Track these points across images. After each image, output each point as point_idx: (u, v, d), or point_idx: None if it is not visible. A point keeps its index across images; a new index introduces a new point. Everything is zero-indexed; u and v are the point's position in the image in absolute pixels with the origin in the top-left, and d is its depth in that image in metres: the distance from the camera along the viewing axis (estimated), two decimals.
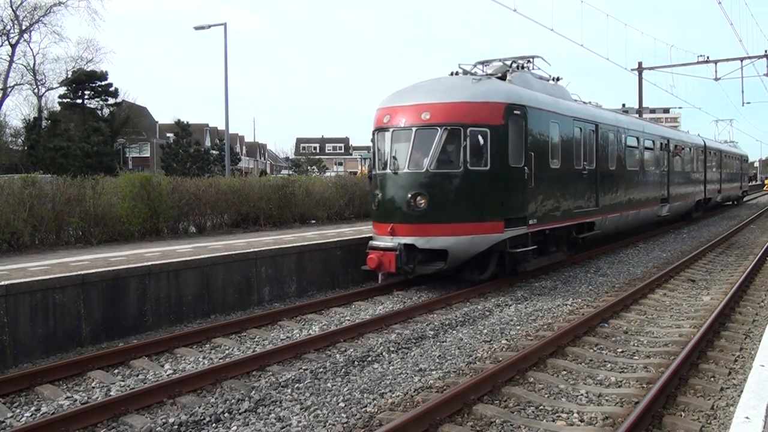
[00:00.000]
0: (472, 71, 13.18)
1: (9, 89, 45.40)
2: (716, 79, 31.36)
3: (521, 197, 11.67)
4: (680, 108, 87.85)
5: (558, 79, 15.00)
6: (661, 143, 21.11)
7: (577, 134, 14.15)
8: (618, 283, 12.50)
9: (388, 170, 11.19)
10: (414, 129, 10.96)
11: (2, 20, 43.69)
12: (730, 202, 39.04)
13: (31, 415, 5.89)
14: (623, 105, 33.91)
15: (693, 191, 25.59)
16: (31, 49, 50.35)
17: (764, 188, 70.33)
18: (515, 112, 11.51)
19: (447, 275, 12.18)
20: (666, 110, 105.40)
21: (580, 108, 15.08)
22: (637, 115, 23.85)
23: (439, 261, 10.90)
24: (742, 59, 30.74)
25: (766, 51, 30.24)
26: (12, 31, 44.10)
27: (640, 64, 34.84)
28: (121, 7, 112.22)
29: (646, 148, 19.37)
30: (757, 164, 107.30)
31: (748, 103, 61.56)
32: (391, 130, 11.29)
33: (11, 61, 44.34)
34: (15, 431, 5.36)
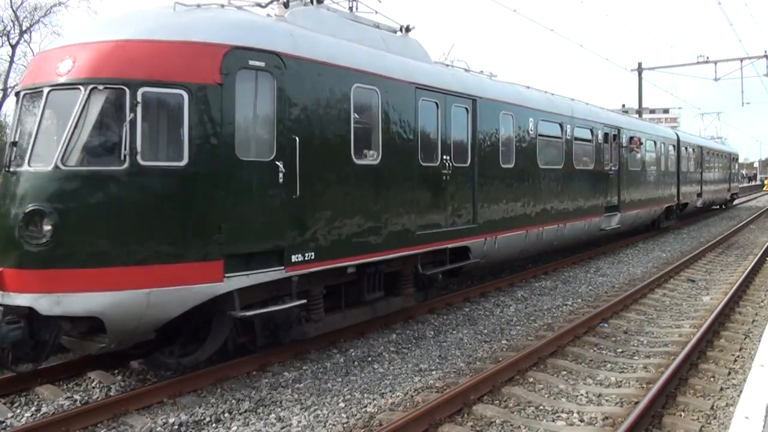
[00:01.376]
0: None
1: (9, 89, 45.42)
2: (716, 79, 31.35)
3: (268, 215, 6.66)
4: (680, 108, 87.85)
5: (408, 30, 9.81)
6: (607, 134, 16.08)
7: (426, 113, 9.12)
8: (618, 283, 12.51)
9: (6, 167, 6.43)
10: (46, 90, 6.23)
11: (2, 21, 43.71)
12: (718, 207, 34.20)
13: (32, 415, 5.89)
14: (623, 105, 33.91)
15: (661, 195, 20.78)
16: (32, 50, 50.35)
17: (764, 188, 70.34)
18: (253, 63, 6.58)
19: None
20: (666, 110, 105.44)
21: (436, 73, 9.71)
22: (586, 103, 16.67)
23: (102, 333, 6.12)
24: (741, 59, 30.74)
25: (766, 51, 30.23)
26: (12, 31, 44.09)
27: (639, 64, 34.83)
28: (122, 8, 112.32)
29: (579, 140, 14.29)
30: (756, 164, 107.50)
31: (748, 103, 61.25)
32: (22, 93, 6.59)
33: (11, 62, 44.31)
34: (15, 431, 5.36)
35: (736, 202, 40.70)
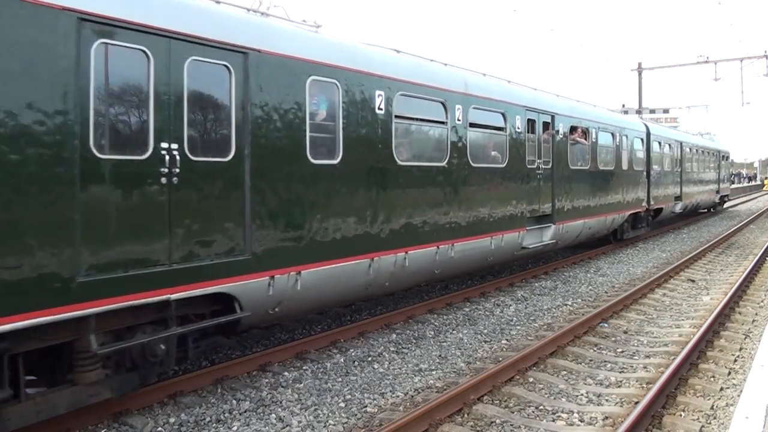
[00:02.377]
0: None
1: None
2: (716, 79, 31.38)
3: None
4: (680, 108, 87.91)
5: None
6: (533, 121, 12.07)
7: (115, 66, 5.45)
8: (618, 283, 12.51)
9: None
10: None
11: None
12: (706, 210, 30.61)
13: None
14: (623, 105, 33.95)
15: (622, 200, 16.69)
16: None
17: (764, 188, 70.38)
18: None
19: None
20: (666, 110, 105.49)
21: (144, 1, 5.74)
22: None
23: None
24: (741, 59, 30.76)
25: (766, 51, 30.26)
26: None
27: (639, 64, 34.91)
28: None
29: (480, 127, 10.33)
30: (756, 164, 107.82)
31: (748, 103, 61.57)
32: None
33: None
34: (16, 431, 5.36)
35: (727, 204, 37.42)
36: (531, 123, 12.03)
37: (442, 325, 9.11)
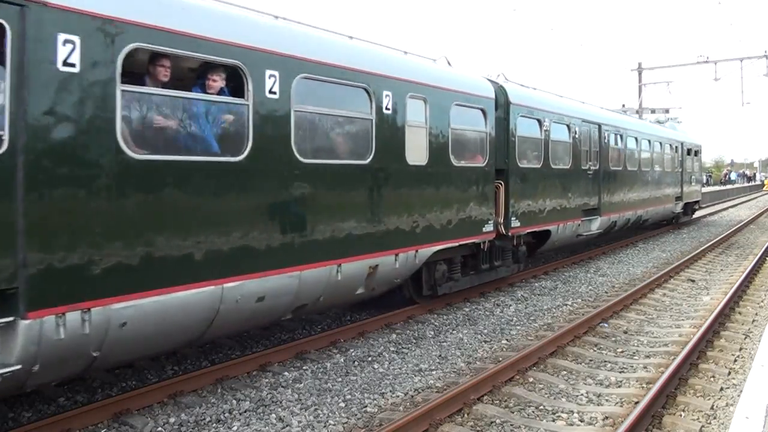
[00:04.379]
0: None
1: None
2: (716, 79, 31.37)
3: None
4: (680, 108, 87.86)
5: None
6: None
7: None
8: (618, 283, 12.51)
9: None
10: None
11: None
12: (666, 223, 22.58)
13: (32, 415, 5.90)
14: (623, 105, 33.94)
15: (414, 225, 8.53)
16: None
17: (764, 188, 70.36)
18: None
19: None
20: (666, 110, 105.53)
21: None
22: None
23: None
24: (742, 59, 30.76)
25: (766, 51, 30.25)
26: None
27: (639, 64, 34.92)
28: None
29: None
30: (756, 164, 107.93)
31: (748, 103, 61.41)
32: None
33: None
34: (16, 431, 5.37)
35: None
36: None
37: (442, 325, 9.11)
